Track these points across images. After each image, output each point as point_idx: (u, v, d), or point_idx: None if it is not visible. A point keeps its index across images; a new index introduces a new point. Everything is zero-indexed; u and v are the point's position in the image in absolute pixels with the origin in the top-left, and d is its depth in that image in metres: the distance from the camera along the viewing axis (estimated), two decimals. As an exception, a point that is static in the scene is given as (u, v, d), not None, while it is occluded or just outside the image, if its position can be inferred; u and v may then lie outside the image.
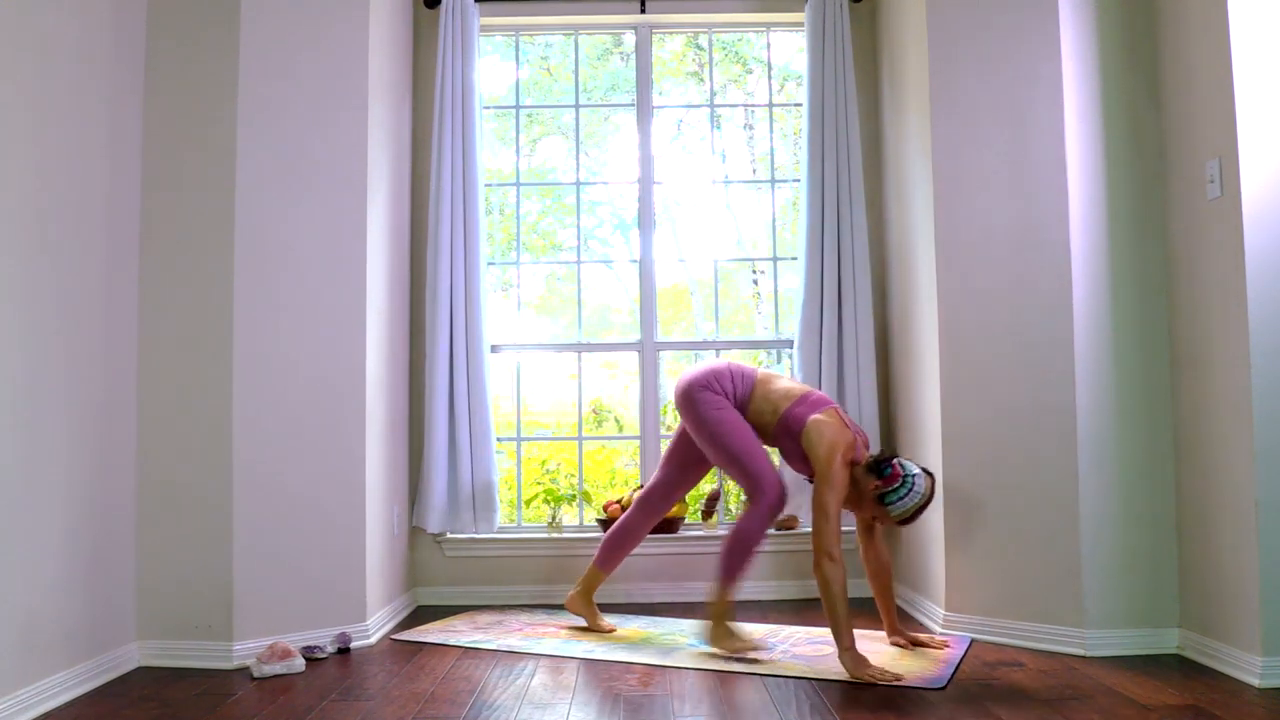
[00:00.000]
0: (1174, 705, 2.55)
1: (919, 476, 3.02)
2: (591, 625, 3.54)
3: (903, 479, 3.00)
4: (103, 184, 2.98)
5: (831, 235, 4.11)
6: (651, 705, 2.64)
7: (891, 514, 3.03)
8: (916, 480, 3.01)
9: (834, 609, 2.90)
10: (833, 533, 2.94)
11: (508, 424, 4.48)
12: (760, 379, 3.31)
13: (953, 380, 3.43)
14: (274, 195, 3.27)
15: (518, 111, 4.60)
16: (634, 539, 3.57)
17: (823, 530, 2.94)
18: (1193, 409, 3.06)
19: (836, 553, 2.92)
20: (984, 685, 2.78)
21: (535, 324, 5.48)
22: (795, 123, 5.12)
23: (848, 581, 2.94)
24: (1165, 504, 3.16)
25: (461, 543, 4.16)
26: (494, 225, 4.95)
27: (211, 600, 3.11)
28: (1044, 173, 3.27)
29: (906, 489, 3.00)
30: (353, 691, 2.81)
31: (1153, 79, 3.24)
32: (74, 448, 2.81)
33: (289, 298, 3.29)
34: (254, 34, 3.24)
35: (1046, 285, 3.24)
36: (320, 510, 3.33)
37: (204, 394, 3.15)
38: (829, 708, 2.58)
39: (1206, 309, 2.98)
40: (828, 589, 2.90)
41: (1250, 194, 2.78)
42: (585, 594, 3.57)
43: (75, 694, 2.75)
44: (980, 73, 3.42)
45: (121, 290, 3.08)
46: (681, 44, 6.00)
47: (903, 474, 3.01)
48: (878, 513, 3.08)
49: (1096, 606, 3.12)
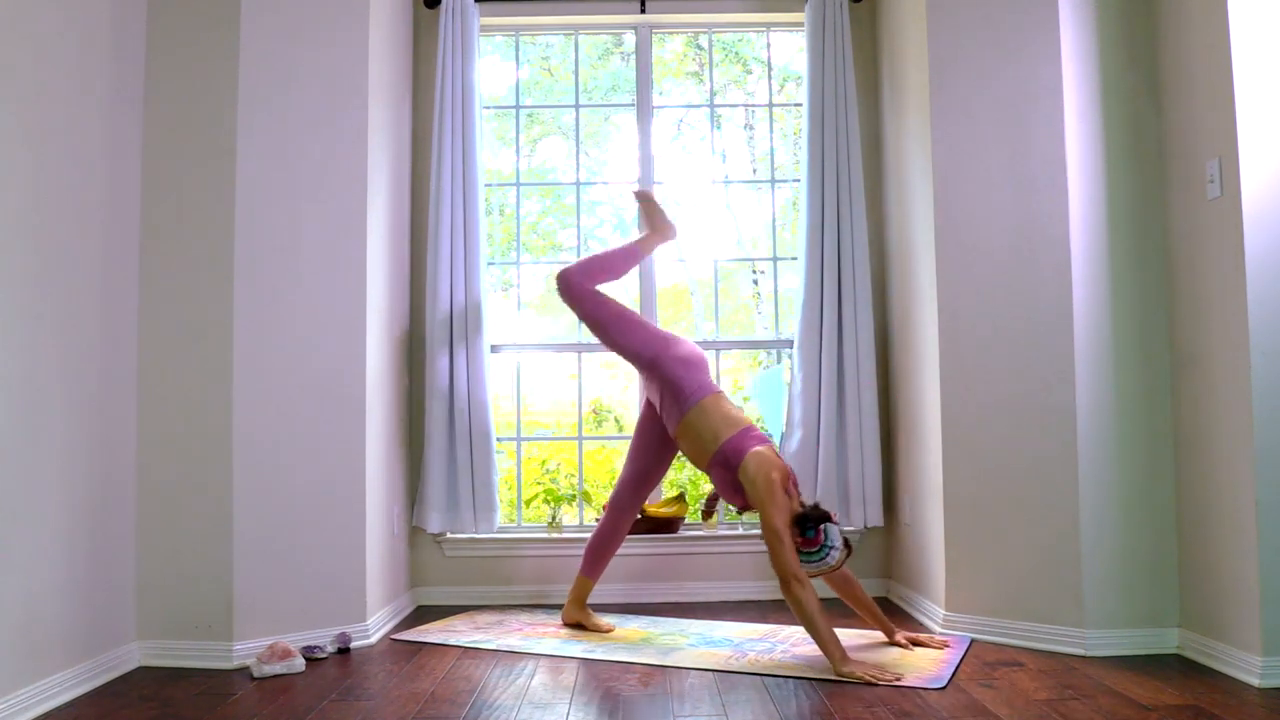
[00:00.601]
0: (1174, 705, 2.55)
1: (836, 550, 3.00)
2: (590, 627, 3.54)
3: (820, 547, 2.99)
4: (103, 184, 2.98)
5: (831, 235, 4.11)
6: (651, 705, 2.64)
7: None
8: (831, 554, 2.99)
9: (816, 630, 2.91)
10: (791, 553, 2.97)
11: (508, 424, 4.48)
12: (716, 396, 3.40)
13: (953, 380, 3.43)
14: (274, 195, 3.27)
15: (518, 111, 4.60)
16: (614, 543, 3.63)
17: (780, 554, 2.97)
18: (1193, 409, 3.07)
19: (801, 573, 2.95)
20: (984, 685, 2.78)
21: (535, 324, 5.48)
22: (795, 123, 5.12)
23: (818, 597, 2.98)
24: (1165, 504, 3.16)
25: (461, 543, 4.16)
26: (494, 225, 4.95)
27: (211, 600, 3.11)
28: (1044, 173, 3.27)
29: (820, 557, 2.99)
30: (353, 691, 2.81)
31: (1153, 79, 3.24)
32: (74, 448, 2.81)
33: (289, 298, 3.29)
34: (254, 34, 3.24)
35: (1046, 285, 3.25)
36: (320, 510, 3.33)
37: (204, 394, 3.15)
38: (829, 708, 2.58)
39: (1206, 309, 2.98)
40: (803, 610, 2.92)
41: (1250, 194, 2.78)
42: (578, 603, 3.60)
43: (75, 694, 2.75)
44: (980, 73, 3.42)
45: (121, 290, 3.08)
46: (681, 44, 6.00)
47: (823, 542, 2.99)
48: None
49: (1096, 606, 3.12)
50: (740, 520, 4.27)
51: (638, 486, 3.60)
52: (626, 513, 3.61)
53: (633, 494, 3.60)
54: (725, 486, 3.27)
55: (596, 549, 3.61)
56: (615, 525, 3.60)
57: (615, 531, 3.60)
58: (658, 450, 3.59)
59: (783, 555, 2.96)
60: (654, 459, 3.60)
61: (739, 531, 4.21)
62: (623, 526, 3.61)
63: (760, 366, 5.18)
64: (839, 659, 2.87)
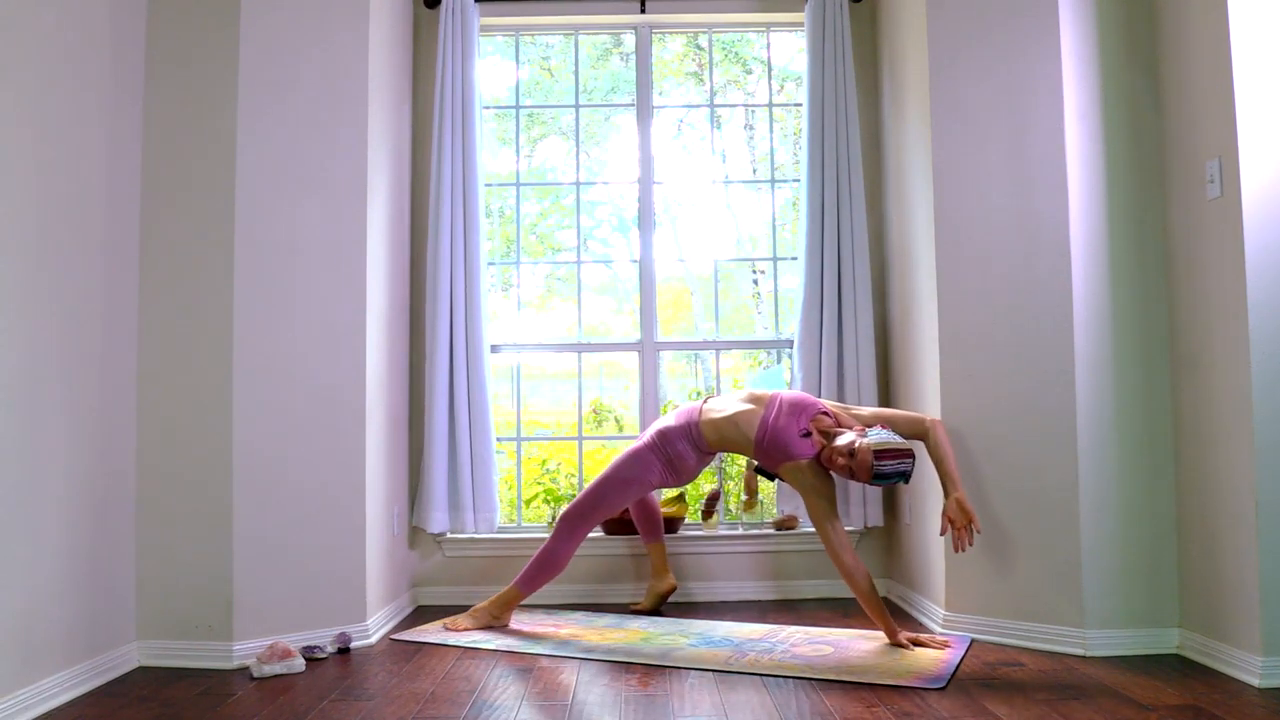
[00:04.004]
0: (1174, 705, 2.55)
1: (896, 465, 3.19)
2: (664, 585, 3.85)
3: (894, 475, 3.21)
4: (103, 186, 2.98)
5: (831, 235, 4.11)
6: (651, 705, 2.64)
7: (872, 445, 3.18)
8: (901, 466, 3.20)
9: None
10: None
11: (508, 424, 4.48)
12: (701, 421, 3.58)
13: (952, 380, 3.43)
14: (274, 196, 3.27)
15: (518, 112, 4.60)
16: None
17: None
18: (1193, 409, 3.06)
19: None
20: (984, 685, 2.78)
21: (535, 324, 5.48)
22: (795, 123, 5.12)
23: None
24: (1165, 504, 3.16)
25: (461, 543, 4.16)
26: (494, 226, 4.95)
27: (211, 600, 3.11)
28: (1044, 173, 3.27)
29: (899, 471, 3.20)
30: (353, 691, 2.81)
31: (1153, 79, 3.24)
32: (74, 448, 2.81)
33: (289, 298, 3.29)
34: (254, 35, 3.24)
35: (1046, 285, 3.24)
36: (320, 510, 3.33)
37: (204, 394, 3.15)
38: (829, 708, 2.58)
39: (1206, 309, 2.98)
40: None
41: (1250, 194, 2.78)
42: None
43: (75, 694, 2.75)
44: (980, 73, 3.42)
45: (122, 291, 3.08)
46: (682, 44, 6.00)
47: (889, 473, 3.21)
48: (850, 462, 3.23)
49: (1096, 606, 3.12)
50: (740, 520, 4.27)
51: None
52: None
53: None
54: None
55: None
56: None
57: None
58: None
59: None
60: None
61: (739, 532, 4.21)
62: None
63: (760, 366, 5.18)
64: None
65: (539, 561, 3.59)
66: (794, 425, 3.36)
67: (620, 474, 3.59)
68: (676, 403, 5.01)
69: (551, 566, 3.59)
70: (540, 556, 3.60)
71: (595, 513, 3.60)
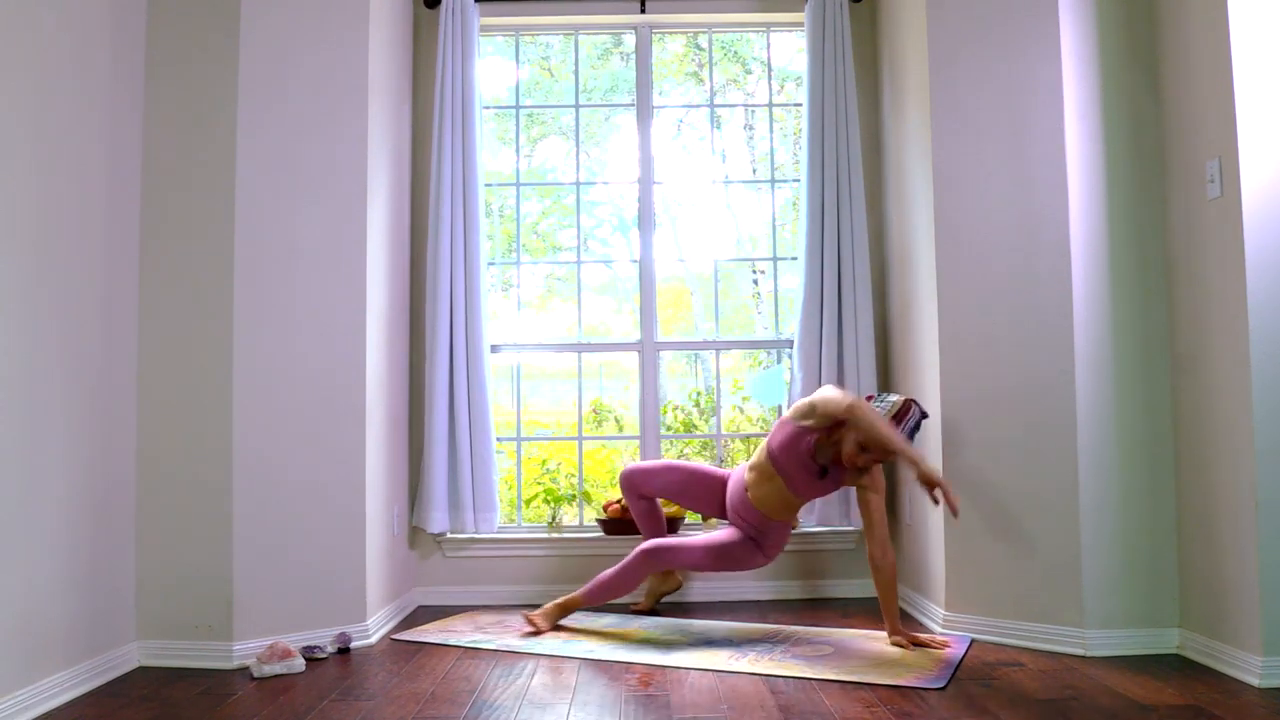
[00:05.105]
0: (1174, 705, 2.55)
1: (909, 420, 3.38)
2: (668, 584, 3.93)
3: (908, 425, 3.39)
4: (103, 186, 2.98)
5: (831, 235, 4.11)
6: (651, 705, 2.64)
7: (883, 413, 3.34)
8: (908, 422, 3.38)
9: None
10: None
11: (508, 424, 4.48)
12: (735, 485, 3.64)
13: (952, 380, 3.44)
14: (274, 196, 3.27)
15: (518, 112, 4.60)
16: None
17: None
18: (1193, 409, 3.06)
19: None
20: (984, 685, 2.78)
21: (535, 324, 5.47)
22: (795, 123, 5.11)
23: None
24: (1165, 504, 3.16)
25: (461, 543, 4.16)
26: (494, 226, 4.95)
27: (211, 600, 3.11)
28: (1044, 172, 3.27)
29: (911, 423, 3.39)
30: (353, 691, 2.81)
31: (1153, 79, 3.24)
32: (74, 448, 2.81)
33: (289, 298, 3.29)
34: (254, 35, 3.25)
35: (1046, 285, 3.25)
36: (320, 510, 3.33)
37: (204, 394, 3.15)
38: (829, 708, 2.58)
39: (1206, 309, 2.98)
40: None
41: (1250, 194, 2.78)
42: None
43: (75, 694, 2.75)
44: (980, 72, 3.42)
45: (122, 291, 3.08)
46: (681, 44, 5.99)
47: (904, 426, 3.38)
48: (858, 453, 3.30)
49: (1096, 606, 3.12)
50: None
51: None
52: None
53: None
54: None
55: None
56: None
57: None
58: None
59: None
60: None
61: (739, 531, 4.20)
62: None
63: (760, 366, 5.18)
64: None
65: (609, 587, 3.51)
66: (781, 430, 3.41)
67: (727, 549, 3.53)
68: (677, 403, 5.02)
69: (622, 592, 3.54)
70: (611, 583, 3.50)
71: (676, 559, 3.53)
